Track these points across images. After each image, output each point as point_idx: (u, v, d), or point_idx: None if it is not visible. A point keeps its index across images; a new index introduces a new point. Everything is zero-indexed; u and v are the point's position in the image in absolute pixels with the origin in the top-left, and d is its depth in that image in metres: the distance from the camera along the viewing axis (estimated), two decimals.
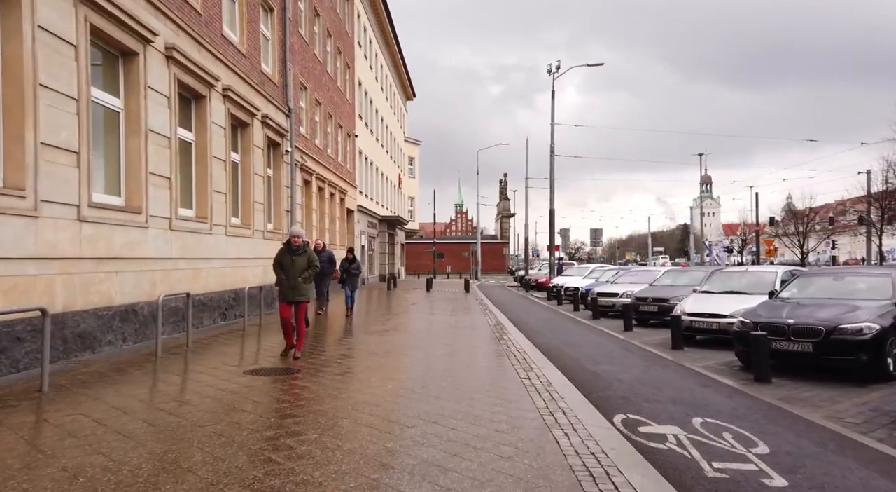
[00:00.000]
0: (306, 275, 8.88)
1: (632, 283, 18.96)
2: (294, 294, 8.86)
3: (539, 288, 34.63)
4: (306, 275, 8.88)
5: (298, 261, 8.87)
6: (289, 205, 17.89)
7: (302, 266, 8.87)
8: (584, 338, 13.46)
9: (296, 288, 8.83)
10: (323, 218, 26.62)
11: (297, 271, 8.82)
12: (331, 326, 13.59)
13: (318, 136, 26.19)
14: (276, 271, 8.96)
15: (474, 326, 14.06)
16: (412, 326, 13.76)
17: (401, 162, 52.44)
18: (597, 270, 26.48)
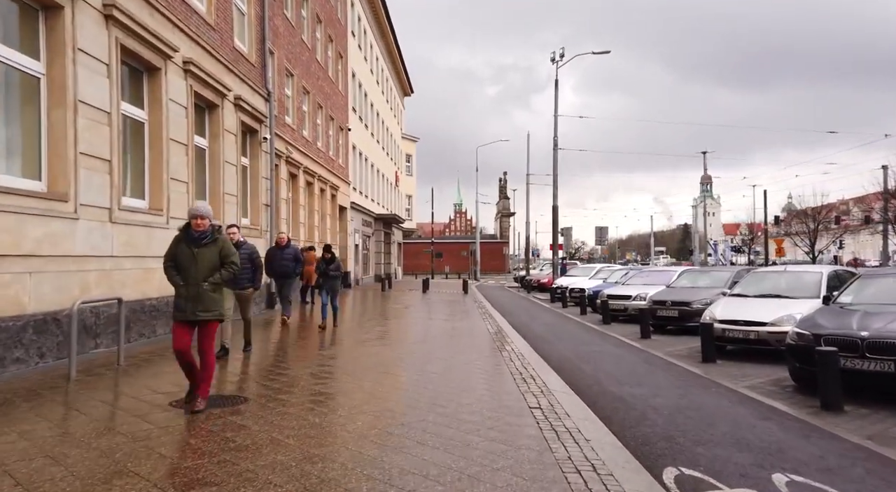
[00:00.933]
0: (216, 278, 5.69)
1: (645, 284, 17.20)
2: (195, 308, 5.58)
3: (541, 289, 32.87)
4: (216, 278, 5.69)
5: (204, 255, 5.67)
6: (268, 198, 16.12)
7: (209, 263, 5.68)
8: (597, 348, 11.68)
9: (198, 299, 5.59)
10: (312, 214, 24.84)
11: (202, 272, 5.64)
12: (306, 336, 11.81)
13: (306, 127, 24.41)
14: (168, 273, 5.74)
15: (473, 333, 12.30)
16: (402, 335, 11.99)
17: (398, 159, 50.67)
18: (604, 271, 24.71)
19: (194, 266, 5.64)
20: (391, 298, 23.98)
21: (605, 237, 31.64)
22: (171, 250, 5.78)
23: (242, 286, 8.80)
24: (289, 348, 10.02)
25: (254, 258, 9.07)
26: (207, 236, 5.74)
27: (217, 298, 5.75)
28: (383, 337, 11.42)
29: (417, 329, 13.04)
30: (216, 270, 5.75)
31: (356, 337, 11.38)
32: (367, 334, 11.74)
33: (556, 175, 26.73)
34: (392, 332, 12.36)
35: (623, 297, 16.51)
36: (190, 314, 5.60)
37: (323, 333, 11.68)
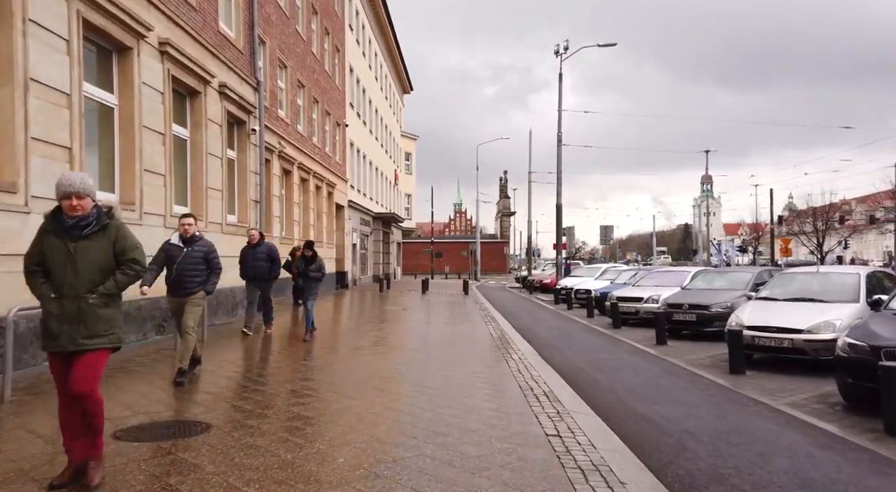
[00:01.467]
0: (108, 287, 3.78)
1: (656, 286, 16.19)
2: (75, 332, 3.69)
3: (543, 290, 31.84)
4: (108, 287, 3.78)
5: (87, 252, 3.73)
6: (257, 194, 15.11)
7: (97, 264, 3.75)
8: (611, 356, 10.67)
9: (79, 318, 3.68)
10: (307, 212, 23.83)
11: (85, 277, 3.70)
12: (293, 344, 10.81)
13: (301, 121, 23.40)
14: (30, 283, 3.83)
15: (475, 339, 11.29)
16: (399, 341, 10.98)
17: (397, 157, 49.66)
18: (610, 271, 23.68)
19: (71, 269, 3.68)
20: (389, 299, 22.98)
21: (611, 236, 30.51)
22: (35, 248, 3.79)
23: (189, 290, 7.19)
24: (271, 359, 9.01)
25: (210, 258, 7.33)
26: (91, 224, 3.74)
27: (110, 315, 3.80)
28: (378, 344, 10.41)
29: (415, 334, 12.03)
30: (108, 275, 3.80)
31: (348, 344, 10.36)
32: (360, 340, 10.73)
33: (559, 172, 25.76)
34: (388, 337, 11.35)
35: (634, 299, 15.50)
36: (66, 342, 3.67)
37: (310, 341, 10.47)
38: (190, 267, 7.15)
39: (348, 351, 9.52)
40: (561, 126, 25.73)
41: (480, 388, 6.88)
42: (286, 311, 15.84)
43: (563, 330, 14.64)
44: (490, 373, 7.84)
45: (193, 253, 7.20)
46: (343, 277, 29.79)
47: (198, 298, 7.27)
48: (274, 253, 11.29)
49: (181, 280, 7.14)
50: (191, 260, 7.17)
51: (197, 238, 7.29)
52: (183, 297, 7.20)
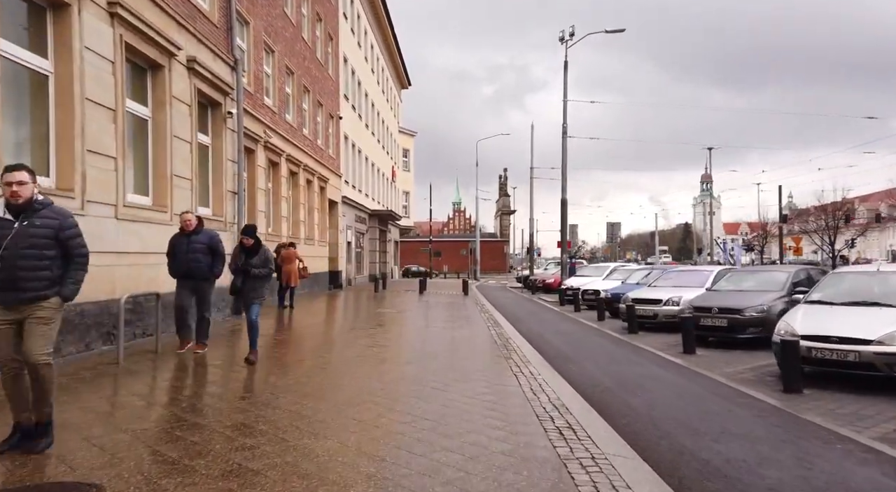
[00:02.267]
0: None
1: (675, 287, 14.65)
2: None
3: (546, 290, 30.28)
4: None
5: None
6: (236, 185, 13.56)
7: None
8: (638, 370, 9.11)
9: None
10: (296, 208, 22.27)
11: None
12: (265, 357, 9.27)
13: (290, 110, 21.84)
14: None
15: (477, 348, 9.75)
16: (390, 352, 9.43)
17: (394, 153, 48.09)
18: (619, 271, 22.11)
19: None
20: (384, 300, 21.43)
21: (618, 234, 29.04)
22: None
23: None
24: (212, 386, 7.45)
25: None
26: None
27: None
28: (365, 355, 8.86)
29: (409, 342, 10.49)
30: None
31: (328, 356, 8.81)
32: (344, 351, 9.18)
33: (564, 165, 24.19)
34: (377, 347, 9.80)
35: (652, 301, 13.96)
36: None
37: (257, 362, 8.08)
38: (28, 254, 4.19)
39: (326, 365, 7.98)
40: (566, 117, 24.21)
41: (487, 418, 5.35)
42: (271, 312, 14.32)
43: (574, 336, 13.09)
44: (498, 395, 6.30)
45: (32, 231, 4.20)
46: (336, 277, 28.25)
47: (48, 309, 4.27)
48: (216, 244, 8.55)
49: (13, 277, 4.17)
50: (28, 242, 4.18)
51: (38, 204, 4.27)
52: (17, 306, 4.20)
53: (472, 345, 10.10)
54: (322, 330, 11.97)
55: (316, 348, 9.43)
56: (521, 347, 10.29)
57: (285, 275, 15.90)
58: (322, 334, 11.29)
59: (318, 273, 25.27)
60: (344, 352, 9.06)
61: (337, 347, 9.53)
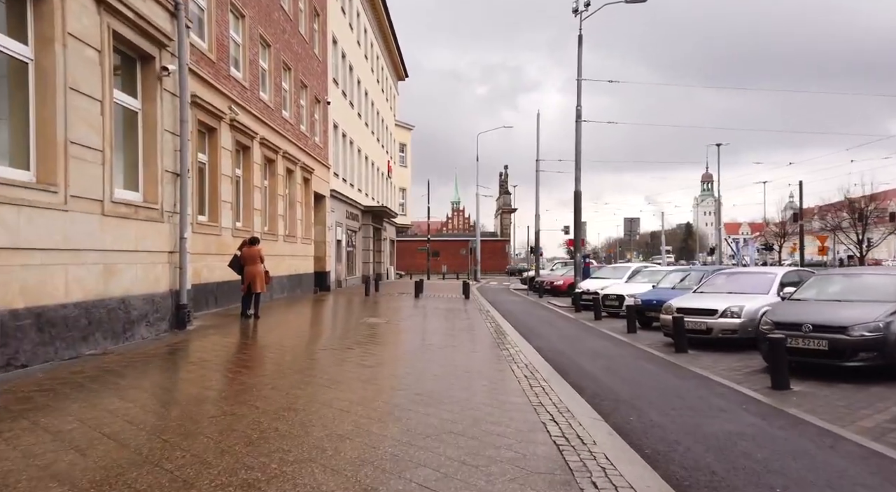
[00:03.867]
0: None
1: (731, 293, 11.64)
2: None
3: (554, 293, 27.28)
4: None
5: None
6: (177, 164, 10.51)
7: None
8: (731, 427, 6.06)
9: None
10: (273, 199, 19.25)
11: None
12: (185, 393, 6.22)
13: (266, 88, 18.82)
14: None
15: (489, 384, 6.70)
16: (356, 394, 6.34)
17: (390, 147, 45.05)
18: (644, 273, 19.05)
19: None
20: (374, 306, 18.40)
21: (637, 230, 26.15)
22: None
23: None
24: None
25: None
26: None
27: None
28: (325, 401, 5.81)
29: (395, 374, 7.45)
30: None
31: (273, 400, 5.76)
32: (297, 390, 6.14)
33: (578, 152, 21.16)
34: (348, 384, 6.77)
35: (705, 312, 10.93)
36: None
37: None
38: None
39: (255, 427, 4.94)
40: (580, 99, 21.20)
41: None
42: (230, 324, 11.29)
43: (612, 359, 10.04)
44: (542, 484, 3.29)
45: None
46: (323, 279, 25.22)
47: None
48: None
49: None
50: None
51: None
52: None
53: (483, 379, 7.08)
54: (281, 352, 8.95)
55: (256, 387, 6.41)
56: (550, 379, 7.30)
57: (247, 277, 12.88)
58: (278, 360, 8.28)
59: (301, 275, 22.24)
60: (292, 395, 6.04)
61: (286, 385, 6.51)
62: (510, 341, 10.76)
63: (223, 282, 14.52)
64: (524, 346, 10.41)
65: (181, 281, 10.49)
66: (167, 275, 10.21)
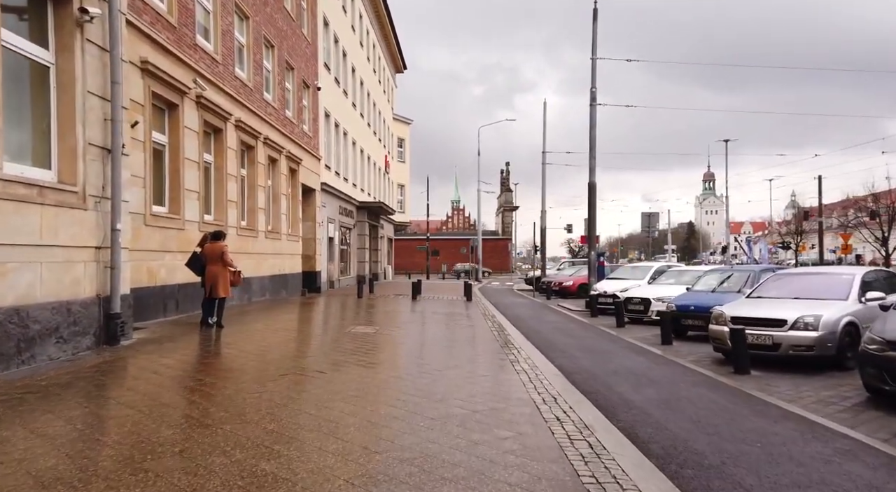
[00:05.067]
0: None
1: (797, 298, 9.38)
2: None
3: (562, 294, 25.04)
4: None
5: None
6: (107, 137, 8.25)
7: None
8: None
9: None
10: (252, 191, 17.01)
11: None
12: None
13: (243, 65, 16.60)
14: None
15: (511, 433, 4.46)
16: (333, 442, 4.11)
17: (388, 142, 42.80)
18: (670, 273, 16.74)
19: None
20: (366, 310, 16.16)
21: (655, 225, 23.93)
22: None
23: None
24: None
25: None
26: None
27: None
28: (249, 472, 3.59)
29: (374, 415, 5.19)
30: None
31: (177, 483, 3.53)
32: (228, 450, 3.92)
33: (593, 139, 18.86)
34: (305, 429, 4.53)
35: (770, 322, 8.66)
36: None
37: None
38: None
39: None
40: (595, 80, 18.93)
41: None
42: (183, 336, 9.04)
43: (658, 384, 7.76)
44: None
45: None
46: (314, 279, 22.97)
47: None
48: None
49: None
50: None
51: None
52: None
53: (503, 429, 4.84)
54: (225, 379, 6.72)
55: (156, 451, 4.18)
56: (594, 425, 5.07)
57: (208, 279, 10.63)
58: (214, 395, 6.04)
59: (286, 275, 20.00)
60: (206, 467, 3.80)
61: (205, 446, 4.28)
62: (524, 357, 8.53)
63: (187, 284, 12.30)
64: (544, 365, 8.18)
65: (114, 284, 8.24)
66: (94, 277, 7.97)
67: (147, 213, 11.05)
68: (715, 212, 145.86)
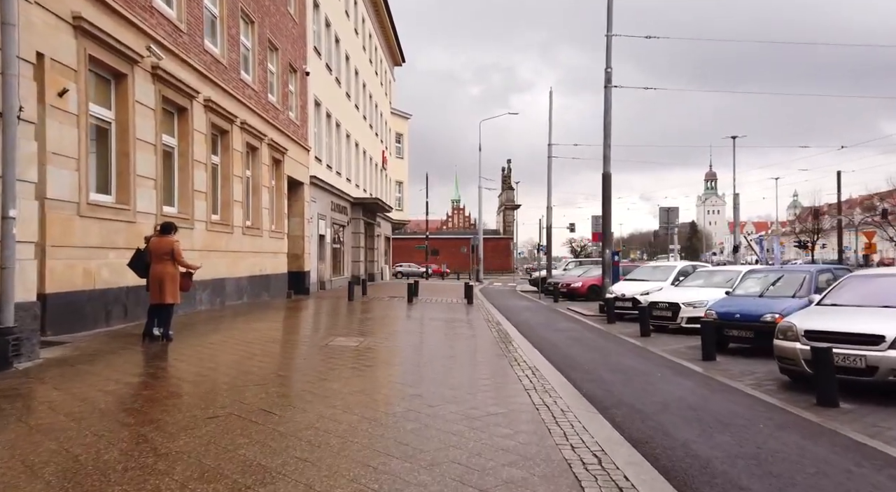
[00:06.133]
0: None
1: (888, 306, 7.37)
2: None
3: (570, 296, 23.04)
4: None
5: None
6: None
7: None
8: None
9: None
10: (226, 180, 15.02)
11: None
12: None
13: (215, 40, 14.62)
14: None
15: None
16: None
17: (385, 137, 40.80)
18: (698, 274, 14.65)
19: None
20: (354, 316, 14.16)
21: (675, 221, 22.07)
22: None
23: None
24: None
25: None
26: None
27: None
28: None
29: (330, 487, 3.22)
30: None
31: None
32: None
33: (608, 125, 16.75)
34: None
35: (862, 339, 6.64)
36: None
37: None
38: None
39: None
40: (610, 59, 16.90)
41: None
42: (112, 353, 7.04)
43: (726, 424, 5.77)
44: None
45: None
46: (301, 280, 20.98)
47: None
48: None
49: None
50: None
51: None
52: None
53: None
54: (143, 421, 4.75)
55: None
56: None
57: (153, 281, 8.63)
58: (111, 451, 4.08)
59: (269, 275, 18.01)
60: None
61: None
62: (542, 382, 6.57)
63: (139, 286, 10.24)
64: (570, 395, 6.20)
65: (4, 289, 6.24)
66: None
67: (83, 201, 9.05)
68: (717, 212, 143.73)
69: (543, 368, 7.78)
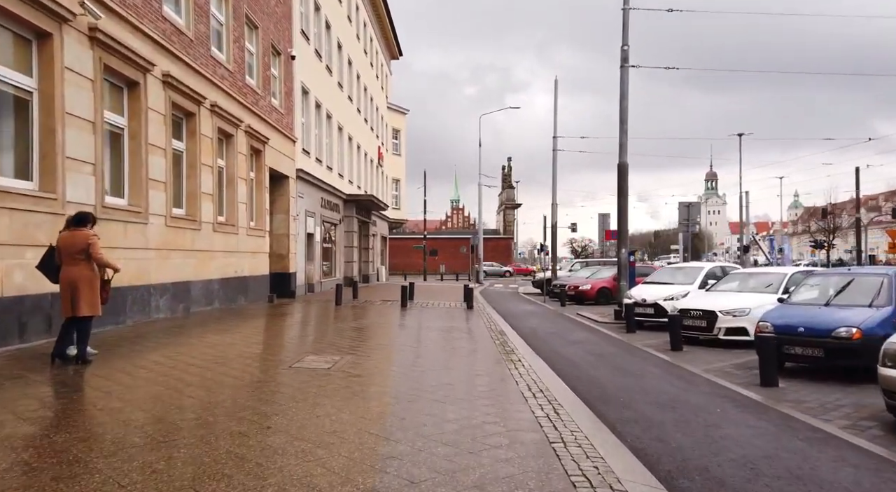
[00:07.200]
0: None
1: None
2: None
3: (578, 300, 21.08)
4: None
5: None
6: None
7: None
8: None
9: None
10: (193, 170, 13.07)
11: None
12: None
13: (178, 7, 12.69)
14: None
15: None
16: None
17: (382, 132, 38.85)
18: (731, 277, 12.59)
19: None
20: (338, 324, 12.22)
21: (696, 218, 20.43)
22: None
23: None
24: None
25: None
26: None
27: None
28: None
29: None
30: None
31: None
32: None
33: (624, 109, 14.84)
34: None
35: None
36: None
37: None
38: None
39: None
40: (627, 36, 14.99)
41: None
42: (14, 379, 5.14)
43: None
44: None
45: None
46: (286, 282, 19.04)
47: None
48: None
49: None
50: None
51: None
52: None
53: None
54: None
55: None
56: None
57: (65, 288, 6.69)
58: None
59: (246, 277, 16.06)
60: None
61: None
62: (569, 417, 4.71)
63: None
64: (614, 452, 4.28)
65: None
66: None
67: None
68: (717, 212, 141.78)
69: (567, 401, 5.87)
